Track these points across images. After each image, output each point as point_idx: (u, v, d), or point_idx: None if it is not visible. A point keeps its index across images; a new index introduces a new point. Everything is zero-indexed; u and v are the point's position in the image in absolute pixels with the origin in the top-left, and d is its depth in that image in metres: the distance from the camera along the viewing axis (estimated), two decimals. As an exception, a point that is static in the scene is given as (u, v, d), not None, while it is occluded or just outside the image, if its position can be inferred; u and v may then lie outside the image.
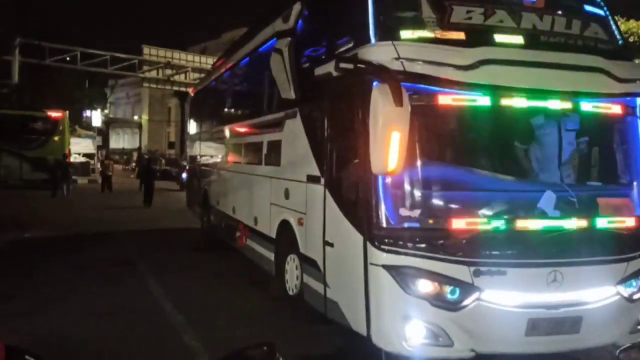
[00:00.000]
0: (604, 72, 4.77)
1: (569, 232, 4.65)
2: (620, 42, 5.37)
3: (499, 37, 4.75)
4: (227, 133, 9.90)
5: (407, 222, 4.49)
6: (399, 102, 3.99)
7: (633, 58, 5.54)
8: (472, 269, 4.36)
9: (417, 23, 4.73)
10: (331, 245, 5.29)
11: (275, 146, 7.18)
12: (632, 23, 14.28)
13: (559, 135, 4.91)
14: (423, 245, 4.42)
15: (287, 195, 6.63)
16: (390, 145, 4.03)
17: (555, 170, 4.93)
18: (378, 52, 4.49)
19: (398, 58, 4.37)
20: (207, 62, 40.73)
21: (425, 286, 4.40)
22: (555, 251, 4.53)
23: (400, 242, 4.45)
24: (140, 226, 14.64)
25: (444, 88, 4.41)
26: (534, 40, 4.85)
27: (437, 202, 4.61)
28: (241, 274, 9.07)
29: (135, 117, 69.13)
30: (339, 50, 5.24)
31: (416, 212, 4.49)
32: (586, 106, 4.84)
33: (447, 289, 4.39)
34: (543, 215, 4.67)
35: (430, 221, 4.47)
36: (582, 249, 4.63)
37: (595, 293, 4.64)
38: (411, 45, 4.48)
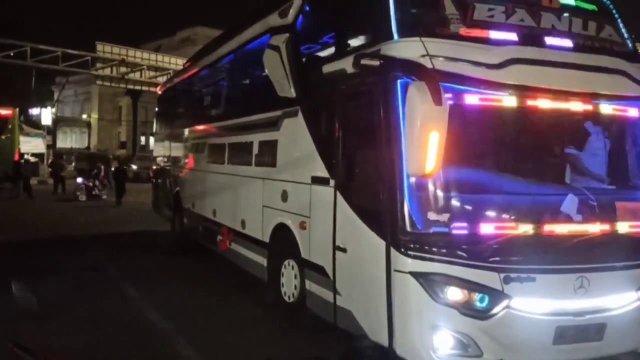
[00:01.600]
0: (625, 74, 4.72)
1: (594, 237, 4.55)
2: (631, 45, 5.33)
3: (522, 37, 4.61)
4: (206, 132, 9.51)
5: (435, 226, 4.28)
6: (438, 101, 3.79)
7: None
8: (503, 275, 4.20)
9: (441, 20, 4.54)
10: (343, 250, 5.05)
11: (269, 146, 6.87)
12: None
13: (584, 138, 4.82)
14: (452, 251, 4.22)
15: (284, 197, 6.34)
16: (428, 146, 3.83)
17: (580, 173, 4.83)
18: (405, 49, 4.28)
19: (427, 55, 4.18)
20: (164, 60, 39.82)
21: (455, 294, 4.21)
22: (582, 257, 4.43)
23: (429, 248, 4.24)
24: (105, 229, 14.03)
25: (474, 87, 4.24)
26: (555, 40, 4.74)
27: (465, 205, 4.42)
28: (222, 278, 8.74)
29: (84, 116, 67.05)
30: (353, 47, 4.99)
31: (445, 216, 4.29)
32: (609, 108, 4.77)
33: (477, 296, 4.22)
34: (568, 219, 4.55)
35: (459, 226, 4.27)
36: (606, 254, 4.55)
37: (618, 299, 4.56)
38: (439, 42, 4.29)
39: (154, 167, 14.56)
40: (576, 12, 5.01)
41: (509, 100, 4.37)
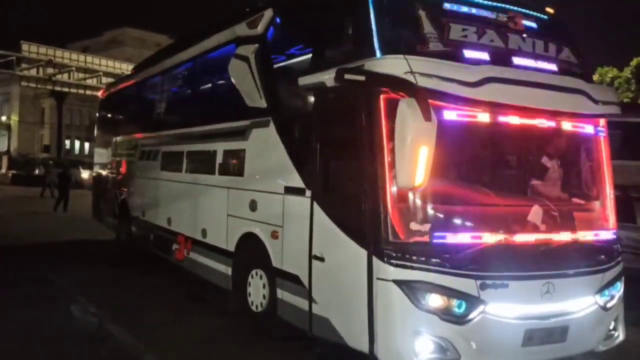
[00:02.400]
0: (585, 93, 5.08)
1: (557, 245, 4.89)
2: (583, 65, 5.75)
3: (494, 56, 4.90)
4: (160, 140, 9.37)
5: (416, 236, 4.48)
6: (427, 117, 3.98)
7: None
8: (479, 282, 4.44)
9: (420, 38, 4.76)
10: (321, 259, 5.15)
11: (235, 155, 6.90)
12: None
13: (549, 152, 5.17)
14: (433, 260, 4.43)
15: (253, 207, 6.38)
16: (418, 160, 4.01)
17: (545, 185, 5.17)
18: (390, 66, 4.44)
19: (411, 72, 4.36)
20: (93, 61, 38.68)
21: (436, 300, 4.41)
22: (548, 263, 4.74)
23: (411, 257, 4.42)
24: (48, 237, 13.42)
25: (454, 104, 4.46)
26: (523, 60, 5.06)
27: (445, 216, 4.65)
28: (177, 288, 8.63)
29: (3, 118, 63.81)
30: (332, 62, 5.11)
31: (425, 227, 4.49)
32: (571, 125, 5.15)
33: (456, 302, 4.44)
34: (535, 228, 4.87)
35: (439, 235, 4.48)
36: (568, 261, 4.89)
37: (579, 303, 4.90)
38: (421, 60, 4.48)
39: (95, 174, 14.13)
40: (538, 34, 5.35)
41: (485, 117, 4.63)
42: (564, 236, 4.98)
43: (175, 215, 8.73)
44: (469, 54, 4.80)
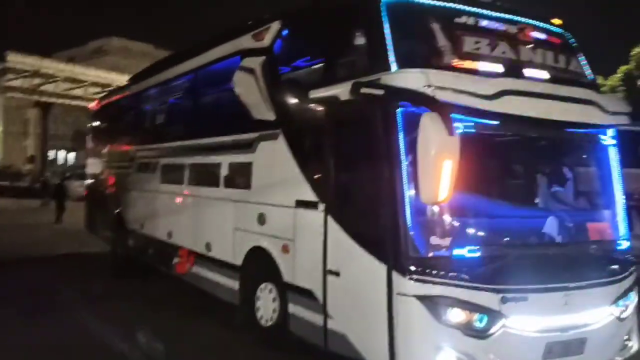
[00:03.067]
0: (596, 104, 5.10)
1: (574, 256, 4.89)
2: (592, 75, 5.79)
3: (508, 68, 4.91)
4: (160, 152, 9.27)
5: (437, 250, 4.45)
6: (450, 131, 3.97)
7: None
8: (500, 295, 4.42)
9: (435, 51, 4.76)
10: (336, 274, 5.10)
11: (241, 168, 6.83)
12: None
13: (564, 164, 5.18)
14: (454, 274, 4.40)
15: (262, 220, 6.32)
16: (442, 174, 3.99)
17: (560, 196, 5.18)
18: (408, 79, 4.42)
19: (429, 85, 4.34)
20: (80, 71, 38.37)
21: (458, 315, 4.39)
22: (566, 275, 4.73)
23: (432, 271, 4.39)
24: (45, 250, 13.24)
25: (473, 117, 4.45)
26: (534, 72, 5.07)
27: (465, 230, 4.64)
28: (179, 302, 8.52)
29: (-12, 129, 62.95)
30: (345, 75, 5.09)
31: (446, 241, 4.47)
32: (585, 136, 5.18)
33: (477, 316, 4.41)
34: (552, 240, 4.87)
35: (460, 249, 4.46)
36: (585, 272, 4.89)
37: (595, 314, 4.90)
38: (438, 74, 4.46)
39: (88, 185, 13.96)
40: (547, 45, 5.38)
41: (503, 129, 4.64)
42: (580, 247, 4.99)
43: (176, 228, 8.63)
44: (482, 66, 4.81)
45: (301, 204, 5.64)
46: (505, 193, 5.01)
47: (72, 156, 72.25)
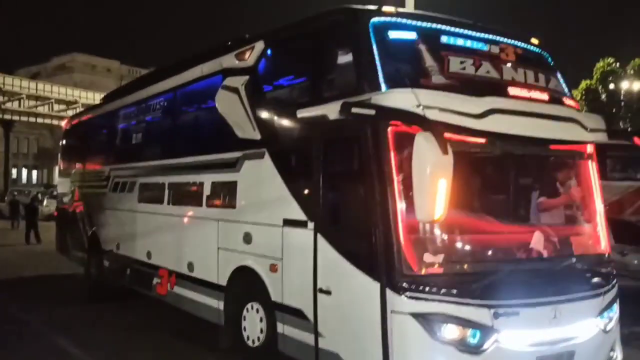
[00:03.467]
0: (576, 122, 5.25)
1: (561, 270, 5.01)
2: (569, 93, 5.97)
3: (493, 88, 5.01)
4: (137, 171, 9.14)
5: (430, 267, 4.50)
6: (445, 150, 4.03)
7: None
8: (492, 311, 4.48)
9: (422, 71, 4.85)
10: (327, 293, 5.10)
11: (225, 187, 6.79)
12: None
13: (546, 179, 5.31)
14: (448, 291, 4.45)
15: (248, 239, 6.28)
16: (437, 192, 4.04)
17: (543, 211, 5.30)
18: (399, 99, 4.48)
19: (420, 105, 4.41)
20: (44, 89, 37.68)
21: (452, 331, 4.43)
22: (554, 289, 4.83)
23: (425, 288, 4.43)
24: (4, 273, 12.86)
25: (462, 136, 4.53)
26: (518, 91, 5.19)
27: (457, 247, 4.70)
28: (160, 325, 8.39)
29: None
30: (333, 95, 5.13)
31: (439, 258, 4.53)
32: (567, 152, 5.33)
33: (471, 332, 4.46)
34: (539, 254, 4.97)
35: (453, 266, 4.52)
36: (572, 285, 5.00)
37: (583, 327, 5.01)
38: (428, 93, 4.54)
39: (59, 205, 13.67)
40: (528, 64, 5.51)
41: (493, 147, 4.73)
42: (566, 260, 5.10)
43: (156, 248, 8.50)
44: (468, 85, 4.90)
45: (289, 222, 5.63)
46: (492, 209, 5.11)
47: (35, 174, 70.74)
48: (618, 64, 33.14)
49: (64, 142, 13.89)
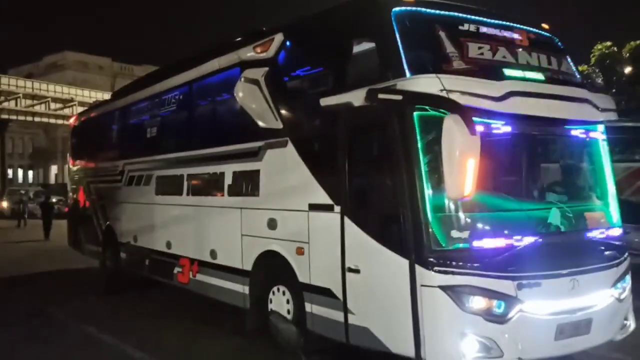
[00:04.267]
0: (589, 102, 5.52)
1: (578, 244, 5.29)
2: (579, 75, 6.23)
3: (508, 71, 5.26)
4: (154, 164, 9.35)
5: (457, 243, 4.76)
6: (473, 131, 4.28)
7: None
8: (516, 282, 4.75)
9: (443, 57, 5.08)
10: (356, 271, 5.35)
11: (247, 176, 7.02)
12: None
13: (563, 158, 5.58)
14: (474, 264, 4.72)
15: (272, 225, 6.52)
16: (467, 171, 4.29)
17: (561, 188, 5.58)
18: (424, 85, 4.73)
19: (443, 90, 4.66)
20: (41, 87, 37.68)
21: (479, 302, 4.70)
22: (572, 261, 5.10)
23: (454, 263, 4.70)
24: (34, 268, 13.19)
25: (485, 118, 4.79)
26: (534, 74, 5.44)
27: (482, 222, 4.96)
28: (183, 312, 8.63)
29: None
30: (356, 83, 5.36)
31: (465, 234, 4.79)
32: (582, 132, 5.60)
33: (496, 303, 4.73)
34: (558, 229, 5.24)
35: (478, 241, 4.79)
36: (589, 258, 5.28)
37: (599, 297, 5.28)
38: (450, 78, 4.79)
39: (72, 201, 13.86)
40: (541, 48, 5.76)
41: (512, 128, 5.00)
42: (582, 235, 5.38)
43: (176, 238, 8.73)
44: (487, 70, 5.14)
45: (315, 207, 5.87)
46: (512, 188, 5.38)
47: (31, 174, 70.55)
48: (615, 48, 33.48)
49: (73, 139, 14.04)
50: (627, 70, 32.62)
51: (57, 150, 58.25)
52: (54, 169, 69.34)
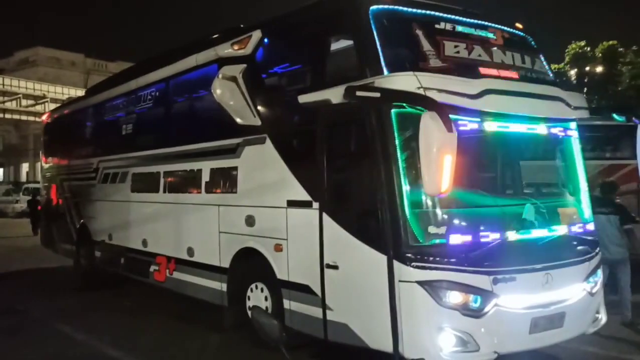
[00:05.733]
0: (562, 100, 5.63)
1: (551, 239, 5.39)
2: (551, 73, 6.35)
3: (484, 70, 5.33)
4: (130, 161, 9.26)
5: (435, 238, 4.83)
6: (449, 128, 4.34)
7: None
8: (492, 277, 4.84)
9: (420, 55, 5.13)
10: (334, 267, 5.38)
11: (225, 173, 7.01)
12: None
13: (536, 155, 5.69)
14: (451, 260, 4.79)
15: (250, 222, 6.52)
16: (444, 168, 4.35)
17: (538, 184, 5.69)
18: (402, 82, 4.78)
19: (421, 87, 4.72)
20: (12, 84, 36.98)
21: (456, 297, 4.77)
22: (546, 256, 5.21)
23: (431, 258, 4.77)
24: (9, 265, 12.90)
25: (461, 115, 4.86)
26: (508, 72, 5.53)
27: (459, 218, 5.04)
28: (160, 309, 8.58)
29: None
30: (333, 80, 5.40)
31: (442, 229, 4.86)
32: (554, 129, 5.71)
33: (473, 297, 4.81)
34: (532, 225, 5.35)
35: (455, 236, 4.86)
36: (562, 252, 5.39)
37: (571, 291, 5.39)
38: (428, 76, 4.84)
39: (45, 199, 13.65)
40: (515, 47, 5.85)
41: (487, 125, 5.08)
42: (555, 230, 5.49)
43: (152, 236, 8.67)
44: (463, 68, 5.21)
45: (293, 203, 5.89)
46: (489, 184, 5.49)
47: (1, 172, 69.21)
48: (588, 48, 34.16)
49: (46, 136, 13.84)
50: (600, 69, 33.28)
51: (29, 148, 57.21)
52: (25, 167, 68.07)
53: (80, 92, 21.19)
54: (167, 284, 8.30)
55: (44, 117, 14.83)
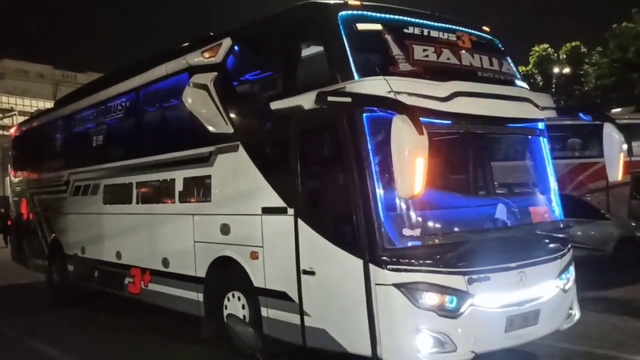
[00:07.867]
0: (530, 101, 5.73)
1: (524, 238, 5.48)
2: (519, 74, 6.47)
3: (455, 73, 5.41)
4: (101, 173, 9.14)
5: (409, 241, 4.87)
6: (420, 131, 4.38)
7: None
8: (467, 277, 4.89)
9: (390, 59, 5.19)
10: (311, 273, 5.38)
11: (199, 182, 6.96)
12: None
13: (506, 155, 5.77)
14: (426, 261, 4.83)
15: (225, 231, 6.48)
16: (416, 170, 4.38)
17: (509, 184, 5.77)
18: (372, 87, 4.82)
19: (391, 91, 4.76)
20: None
21: (432, 298, 4.81)
22: (520, 255, 5.29)
23: (406, 260, 4.80)
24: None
25: (431, 118, 4.91)
26: (477, 74, 5.62)
27: (433, 220, 5.09)
28: (137, 323, 8.45)
29: None
30: (305, 86, 5.41)
31: (417, 231, 4.90)
32: (523, 130, 5.82)
33: (449, 298, 4.85)
34: (504, 224, 5.42)
35: (429, 238, 4.90)
36: (535, 250, 5.48)
37: (545, 288, 5.48)
38: (398, 80, 4.89)
39: (14, 214, 13.39)
40: (483, 50, 5.94)
41: (458, 127, 5.14)
42: (527, 229, 5.57)
43: (126, 248, 8.55)
44: (432, 71, 5.28)
45: (268, 210, 5.88)
46: (461, 185, 5.56)
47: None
48: (552, 50, 34.90)
49: (14, 150, 13.60)
50: (565, 70, 34.00)
51: (-3, 162, 56.12)
52: (-7, 181, 66.63)
53: (49, 104, 20.85)
54: (142, 296, 8.20)
55: (12, 131, 14.57)
